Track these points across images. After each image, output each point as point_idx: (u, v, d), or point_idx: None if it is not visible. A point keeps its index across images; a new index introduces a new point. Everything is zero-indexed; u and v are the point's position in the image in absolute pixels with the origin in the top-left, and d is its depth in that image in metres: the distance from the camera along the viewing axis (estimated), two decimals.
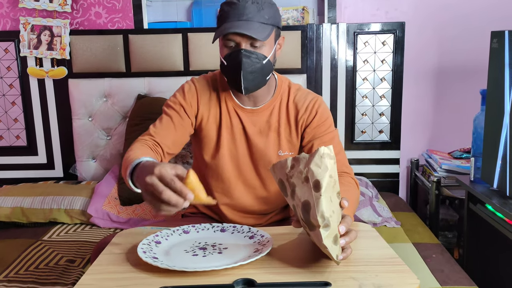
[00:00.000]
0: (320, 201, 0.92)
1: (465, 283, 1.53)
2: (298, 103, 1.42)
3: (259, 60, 1.30)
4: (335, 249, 0.94)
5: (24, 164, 2.52)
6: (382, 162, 2.48)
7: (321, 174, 0.92)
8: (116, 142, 2.42)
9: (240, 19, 1.26)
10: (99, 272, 1.01)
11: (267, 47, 1.32)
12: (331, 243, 0.93)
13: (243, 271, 0.98)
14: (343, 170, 1.38)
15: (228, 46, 1.31)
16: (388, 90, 2.41)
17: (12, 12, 2.44)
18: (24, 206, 2.11)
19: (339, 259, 0.95)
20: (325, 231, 0.92)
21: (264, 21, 1.28)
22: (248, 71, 1.29)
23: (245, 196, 1.45)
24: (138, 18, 2.43)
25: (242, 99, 1.42)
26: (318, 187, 0.92)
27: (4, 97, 2.46)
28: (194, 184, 0.99)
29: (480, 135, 1.80)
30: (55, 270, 1.67)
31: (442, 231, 2.34)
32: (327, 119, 1.43)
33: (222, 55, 1.33)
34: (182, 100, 1.41)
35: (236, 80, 1.31)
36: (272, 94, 1.44)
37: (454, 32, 2.46)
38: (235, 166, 1.43)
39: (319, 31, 2.37)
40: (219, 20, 1.32)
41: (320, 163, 0.93)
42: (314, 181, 0.93)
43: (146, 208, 2.08)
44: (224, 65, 1.33)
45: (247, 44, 1.29)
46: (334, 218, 0.94)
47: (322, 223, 0.92)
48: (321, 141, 1.39)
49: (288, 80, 1.48)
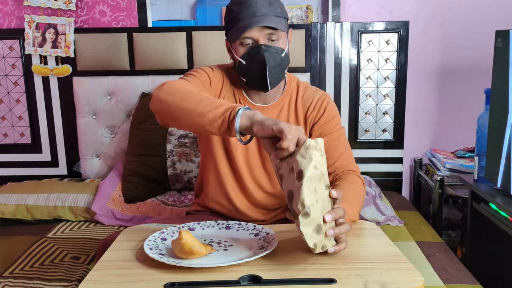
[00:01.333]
0: (301, 189, 0.94)
1: (469, 282, 1.53)
2: (307, 101, 1.43)
3: (278, 53, 1.31)
4: (315, 237, 0.96)
5: (28, 162, 2.53)
6: (386, 161, 2.48)
7: (305, 164, 0.95)
8: (120, 140, 2.43)
9: (256, 15, 1.27)
10: (105, 268, 1.02)
11: (282, 40, 1.33)
12: (311, 232, 0.96)
13: (248, 267, 0.98)
14: (350, 168, 1.38)
15: (245, 45, 1.30)
16: (391, 89, 2.41)
17: (17, 10, 2.44)
18: (28, 203, 2.11)
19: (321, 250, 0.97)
20: (304, 219, 0.94)
21: (277, 14, 1.30)
22: (271, 66, 1.29)
23: (255, 191, 1.45)
24: (143, 16, 2.43)
25: (252, 97, 1.42)
26: (300, 177, 0.95)
27: (8, 95, 2.47)
28: (190, 243, 1.00)
29: (484, 134, 1.80)
30: (60, 266, 1.68)
31: (445, 230, 2.35)
32: (335, 117, 1.44)
33: (239, 55, 1.32)
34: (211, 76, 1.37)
35: (261, 77, 1.29)
36: (282, 92, 1.44)
37: (458, 31, 2.46)
38: (245, 161, 1.43)
39: (323, 30, 2.37)
40: (231, 21, 1.31)
41: (305, 154, 0.95)
42: (298, 171, 0.95)
43: (150, 206, 2.08)
44: (242, 65, 1.32)
45: (264, 39, 1.29)
46: (317, 208, 0.96)
47: (302, 210, 0.94)
48: (328, 139, 1.40)
49: (296, 78, 1.49)
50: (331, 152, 1.39)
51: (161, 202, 2.10)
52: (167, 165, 2.15)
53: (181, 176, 2.15)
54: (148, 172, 2.15)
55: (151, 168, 2.15)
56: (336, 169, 1.39)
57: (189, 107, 1.10)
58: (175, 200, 2.10)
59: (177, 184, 2.17)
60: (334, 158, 1.38)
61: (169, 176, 2.15)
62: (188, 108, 1.10)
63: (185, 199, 2.10)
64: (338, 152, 1.40)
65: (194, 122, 1.09)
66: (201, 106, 1.09)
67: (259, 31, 1.28)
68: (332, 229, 0.99)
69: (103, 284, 0.94)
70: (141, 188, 2.14)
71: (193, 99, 1.11)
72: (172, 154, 2.16)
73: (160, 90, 1.18)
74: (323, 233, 0.98)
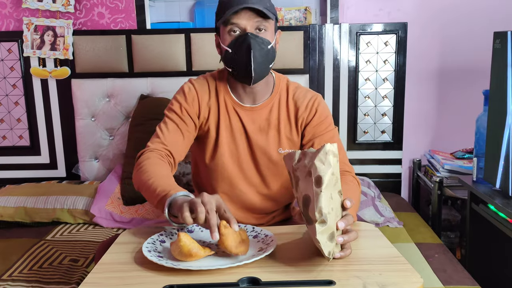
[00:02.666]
0: (320, 196, 0.93)
1: (468, 283, 1.53)
2: (297, 101, 1.43)
3: (264, 44, 1.31)
4: (329, 245, 0.95)
5: (27, 164, 2.53)
6: (385, 163, 2.48)
7: (324, 170, 0.94)
8: (118, 142, 2.43)
9: (245, 3, 1.27)
10: (104, 270, 1.02)
11: (269, 33, 1.33)
12: (326, 239, 0.94)
13: (247, 269, 0.98)
14: (345, 169, 1.38)
15: (233, 31, 1.31)
16: (390, 90, 2.41)
17: (16, 13, 2.44)
18: (27, 205, 2.11)
19: (332, 256, 0.96)
20: (321, 227, 0.93)
21: (267, 7, 1.30)
22: (257, 54, 1.29)
23: (247, 194, 1.45)
24: (141, 18, 2.43)
25: (241, 97, 1.42)
26: (319, 183, 0.94)
27: (7, 97, 2.47)
28: (189, 245, 1.00)
29: (482, 136, 1.80)
30: (59, 269, 1.68)
31: (444, 231, 2.35)
32: (327, 117, 1.43)
33: (226, 43, 1.32)
34: (184, 103, 1.40)
35: (245, 65, 1.29)
36: (271, 92, 1.44)
37: (456, 33, 2.46)
38: (236, 164, 1.43)
39: (321, 32, 2.37)
40: (220, 10, 1.32)
41: (324, 159, 0.94)
42: (316, 176, 0.94)
43: (149, 208, 2.08)
44: (228, 54, 1.32)
45: (252, 28, 1.30)
46: (332, 215, 0.95)
47: (319, 218, 0.93)
48: (321, 140, 1.40)
49: (286, 78, 1.48)
50: None
51: None
52: None
53: (180, 178, 2.14)
54: None
55: None
56: None
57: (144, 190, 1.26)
58: None
59: None
60: None
61: None
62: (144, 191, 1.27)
63: None
64: None
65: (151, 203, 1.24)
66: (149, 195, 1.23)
67: (247, 19, 1.29)
68: (341, 236, 0.99)
69: (102, 287, 0.94)
70: None
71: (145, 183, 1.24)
72: None
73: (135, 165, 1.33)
74: (335, 240, 0.97)
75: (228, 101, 1.42)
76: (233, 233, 1.04)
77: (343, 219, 1.00)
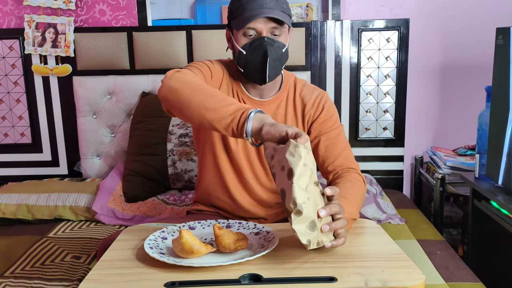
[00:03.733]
0: (292, 188, 0.95)
1: (470, 280, 1.53)
2: (304, 98, 1.43)
3: (280, 48, 1.32)
4: (309, 234, 0.97)
5: (28, 161, 2.53)
6: (386, 159, 2.48)
7: (295, 162, 0.96)
8: (120, 139, 2.43)
9: (263, 7, 1.27)
10: (106, 267, 1.02)
11: (284, 36, 1.34)
12: (304, 229, 0.96)
13: (249, 266, 0.98)
14: (350, 166, 1.38)
15: (248, 35, 1.31)
16: (392, 87, 2.41)
17: (17, 10, 2.44)
18: (29, 203, 2.11)
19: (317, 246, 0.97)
20: (296, 217, 0.95)
21: (283, 10, 1.30)
22: (272, 59, 1.30)
23: (255, 186, 1.45)
24: (142, 15, 2.43)
25: (249, 90, 1.42)
26: (291, 175, 0.96)
27: (8, 95, 2.47)
28: (190, 242, 1.00)
29: (485, 132, 1.79)
30: (61, 266, 1.68)
31: (446, 228, 2.34)
32: (333, 115, 1.44)
33: (240, 45, 1.32)
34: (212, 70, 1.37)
35: (261, 69, 1.30)
36: (279, 88, 1.44)
37: (458, 29, 2.45)
38: (246, 158, 1.43)
39: (323, 28, 2.37)
40: (237, 10, 1.31)
41: (294, 152, 0.96)
42: (288, 169, 0.96)
43: (151, 205, 2.08)
44: (243, 55, 1.33)
45: (268, 32, 1.30)
46: (309, 205, 0.97)
47: (294, 209, 0.95)
48: (327, 137, 1.40)
49: (294, 75, 1.49)
50: (330, 150, 1.39)
51: (162, 201, 2.10)
52: (168, 164, 2.15)
53: (182, 175, 2.14)
54: (149, 171, 2.15)
55: (151, 168, 2.15)
56: (336, 167, 1.39)
57: (199, 99, 1.10)
58: (175, 199, 2.10)
59: (177, 183, 2.17)
60: (334, 157, 1.39)
61: (170, 175, 2.15)
62: (198, 101, 1.09)
63: (186, 198, 2.10)
64: (338, 150, 1.40)
65: (200, 116, 1.09)
66: (212, 101, 1.09)
67: (264, 23, 1.29)
68: (327, 224, 1.00)
69: (104, 284, 0.94)
70: (142, 187, 2.14)
71: (204, 93, 1.11)
72: (172, 153, 2.16)
73: (172, 78, 1.17)
74: (318, 229, 0.98)
75: (238, 91, 1.42)
76: (229, 233, 1.05)
77: (325, 206, 1.01)
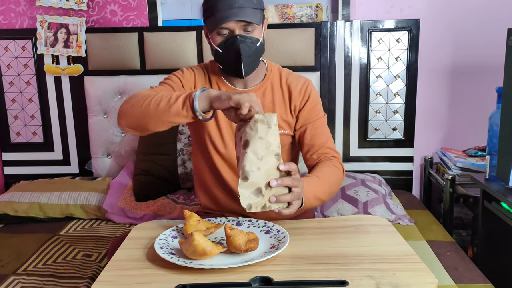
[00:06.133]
0: (244, 156, 1.05)
1: (480, 281, 1.52)
2: (290, 85, 1.47)
3: (253, 43, 1.35)
4: (252, 199, 1.05)
5: (40, 160, 2.56)
6: (396, 160, 2.47)
7: (251, 135, 1.07)
8: (130, 139, 2.44)
9: (233, 7, 1.30)
10: (117, 268, 1.03)
11: (258, 30, 1.37)
12: (249, 194, 1.05)
13: (259, 268, 0.99)
14: (333, 154, 1.45)
15: (222, 34, 1.35)
16: (402, 87, 2.40)
17: (29, 10, 2.47)
18: (41, 201, 2.14)
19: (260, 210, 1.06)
20: (243, 182, 1.05)
21: (254, 6, 1.33)
22: (246, 56, 1.34)
23: None
24: (153, 16, 2.44)
25: (233, 83, 1.46)
26: (246, 145, 1.07)
27: (21, 94, 2.50)
28: (203, 244, 1.01)
29: (496, 133, 1.78)
30: (73, 264, 1.70)
31: (456, 229, 2.33)
32: (318, 104, 1.49)
33: (216, 43, 1.36)
34: (181, 77, 1.45)
35: (236, 65, 1.34)
36: (263, 77, 1.48)
37: (469, 29, 2.44)
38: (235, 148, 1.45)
39: (333, 29, 2.36)
40: (208, 9, 1.35)
41: (253, 126, 1.07)
42: (245, 140, 1.07)
43: (161, 204, 2.10)
44: (219, 53, 1.37)
45: (240, 29, 1.33)
46: (259, 174, 1.05)
47: (241, 175, 1.05)
48: (313, 126, 1.45)
49: (277, 65, 1.53)
50: (315, 140, 1.45)
51: (172, 200, 2.11)
52: (177, 163, 2.16)
53: (191, 174, 2.16)
54: (159, 170, 2.16)
55: (161, 167, 2.16)
56: (320, 156, 1.44)
57: (152, 110, 1.22)
58: (185, 199, 2.12)
59: (187, 182, 2.18)
60: (318, 146, 1.45)
61: (179, 174, 2.17)
62: (152, 111, 1.22)
63: (195, 198, 2.11)
64: (322, 140, 1.46)
65: (161, 121, 1.22)
66: (162, 105, 1.20)
67: (235, 23, 1.32)
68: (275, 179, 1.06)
69: (115, 286, 0.95)
70: (152, 186, 2.15)
71: (153, 103, 1.22)
72: (182, 153, 2.17)
73: (122, 108, 1.30)
74: (264, 196, 1.06)
75: (222, 86, 1.46)
76: (240, 233, 1.05)
77: (277, 178, 1.07)
